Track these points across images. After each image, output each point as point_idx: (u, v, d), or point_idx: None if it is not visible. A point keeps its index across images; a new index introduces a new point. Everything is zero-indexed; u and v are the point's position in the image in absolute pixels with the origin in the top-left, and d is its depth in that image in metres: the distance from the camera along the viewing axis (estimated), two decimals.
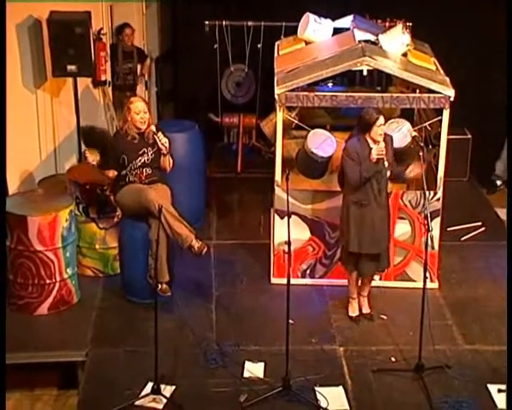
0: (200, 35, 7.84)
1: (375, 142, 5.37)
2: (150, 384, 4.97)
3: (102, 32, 7.47)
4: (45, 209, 5.71)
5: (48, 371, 5.45)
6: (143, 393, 4.96)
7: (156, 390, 4.93)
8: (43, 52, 6.82)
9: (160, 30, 8.96)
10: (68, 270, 5.85)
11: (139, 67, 8.23)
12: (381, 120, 5.33)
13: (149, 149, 5.66)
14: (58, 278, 5.79)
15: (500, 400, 4.94)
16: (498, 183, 7.93)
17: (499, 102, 7.93)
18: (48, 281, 5.75)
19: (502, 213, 7.49)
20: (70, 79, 7.06)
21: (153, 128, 5.62)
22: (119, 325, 5.69)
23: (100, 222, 6.19)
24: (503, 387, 5.00)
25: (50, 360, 5.35)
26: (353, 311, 5.78)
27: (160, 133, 5.61)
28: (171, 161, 5.75)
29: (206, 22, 7.78)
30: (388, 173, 5.48)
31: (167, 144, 5.62)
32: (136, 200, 5.63)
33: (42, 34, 6.78)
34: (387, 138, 5.49)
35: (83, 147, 7.11)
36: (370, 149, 5.36)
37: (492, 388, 5.04)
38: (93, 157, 5.65)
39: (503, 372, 5.13)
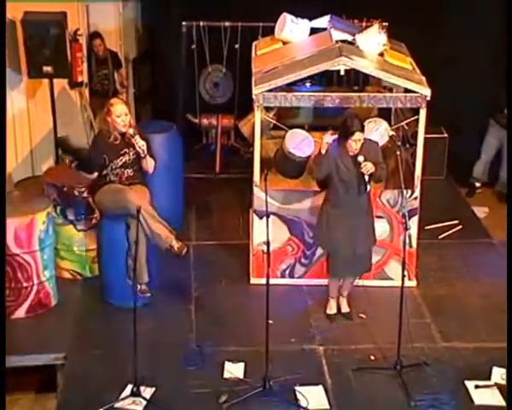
0: (178, 35, 7.82)
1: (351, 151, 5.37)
2: (130, 387, 4.95)
3: (79, 32, 7.42)
4: (22, 211, 5.66)
5: (25, 375, 5.40)
6: (123, 395, 4.93)
7: (136, 392, 4.91)
8: (18, 53, 6.75)
9: (137, 30, 8.92)
10: (46, 273, 5.81)
11: (116, 74, 8.16)
12: (358, 135, 5.27)
13: (131, 149, 5.64)
14: (35, 281, 5.74)
15: (477, 396, 5.00)
16: (477, 185, 8.02)
17: (475, 101, 8.03)
18: (25, 284, 5.71)
19: (478, 211, 7.58)
20: (46, 81, 7.00)
21: (130, 131, 5.58)
22: (98, 328, 5.66)
23: (78, 224, 6.15)
24: (480, 383, 5.07)
25: (28, 363, 5.30)
26: (331, 309, 5.81)
27: (137, 136, 5.58)
28: (153, 162, 5.73)
29: (184, 23, 7.76)
30: (368, 187, 5.44)
31: (144, 147, 5.60)
32: (114, 200, 5.60)
33: (16, 35, 6.72)
34: (374, 146, 5.47)
35: (60, 151, 7.11)
36: (350, 156, 5.35)
37: (469, 384, 5.09)
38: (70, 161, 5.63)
39: (479, 369, 5.21)
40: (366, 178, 5.32)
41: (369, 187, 5.41)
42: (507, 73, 6.93)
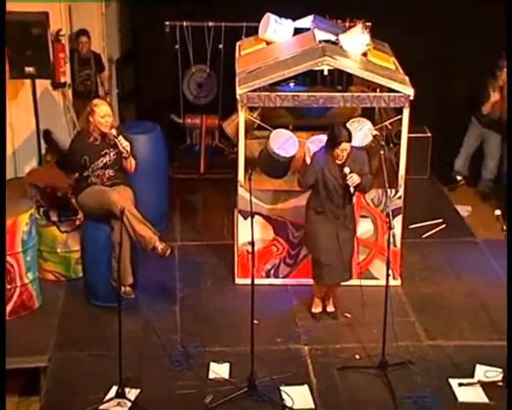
0: (161, 36, 7.79)
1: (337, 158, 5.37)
2: (115, 388, 4.92)
3: (61, 33, 7.36)
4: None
5: (9, 378, 5.33)
6: (108, 397, 4.91)
7: (121, 394, 4.89)
8: None
9: (120, 30, 8.87)
10: (29, 274, 5.77)
11: (99, 79, 8.11)
12: (344, 145, 5.27)
13: (111, 149, 5.62)
14: (19, 283, 5.70)
15: (460, 393, 5.03)
16: (459, 178, 8.08)
17: (458, 101, 8.08)
18: (8, 286, 5.66)
19: (461, 209, 7.63)
20: (28, 81, 6.95)
21: (113, 132, 5.57)
22: (83, 329, 5.63)
23: (61, 225, 6.12)
24: (464, 381, 5.10)
25: (12, 366, 5.23)
26: (316, 307, 5.82)
27: (120, 137, 5.57)
28: (134, 162, 5.72)
29: (167, 23, 7.74)
30: (354, 199, 5.48)
31: (128, 148, 5.59)
32: (98, 202, 5.58)
33: None
34: (360, 155, 5.46)
35: (43, 150, 7.05)
36: (337, 165, 5.35)
37: (454, 382, 5.12)
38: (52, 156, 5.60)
39: (464, 367, 5.24)
40: (351, 189, 5.35)
41: (354, 199, 5.42)
42: (507, 72, 6.95)
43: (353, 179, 5.31)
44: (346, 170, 5.31)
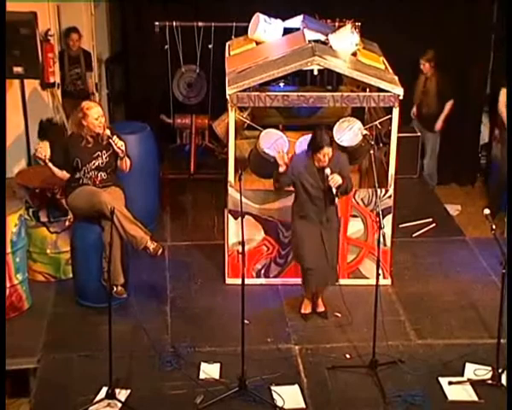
0: (151, 36, 7.78)
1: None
2: (105, 389, 4.91)
3: (50, 33, 7.34)
4: None
5: None
6: (98, 398, 4.90)
7: (111, 395, 4.88)
8: None
9: (109, 30, 8.85)
10: (18, 275, 5.75)
11: (87, 76, 8.10)
12: (326, 150, 5.28)
13: (104, 151, 5.61)
14: (8, 284, 5.67)
15: (450, 392, 5.04)
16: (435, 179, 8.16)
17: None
18: None
19: (451, 208, 7.66)
20: (17, 81, 6.92)
21: (107, 132, 5.56)
22: (72, 330, 5.61)
23: (51, 226, 6.10)
24: (454, 379, 5.12)
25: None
26: (305, 309, 5.83)
27: (115, 137, 5.56)
28: (129, 162, 5.71)
29: (157, 23, 7.73)
30: (336, 199, 5.46)
31: (123, 147, 5.59)
32: (88, 202, 5.57)
33: None
34: (342, 159, 5.48)
35: (32, 150, 7.01)
36: (317, 169, 5.37)
37: (443, 380, 5.13)
38: (44, 151, 5.53)
39: (453, 365, 5.26)
40: (334, 190, 5.36)
41: (336, 199, 5.44)
42: (507, 73, 6.99)
43: (335, 180, 5.33)
44: (327, 171, 5.33)
